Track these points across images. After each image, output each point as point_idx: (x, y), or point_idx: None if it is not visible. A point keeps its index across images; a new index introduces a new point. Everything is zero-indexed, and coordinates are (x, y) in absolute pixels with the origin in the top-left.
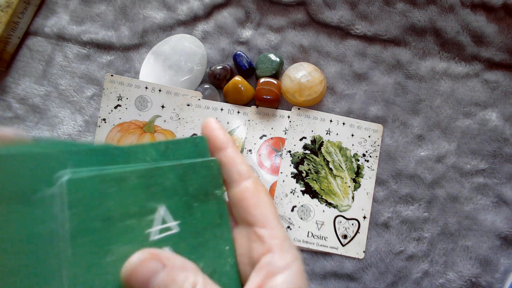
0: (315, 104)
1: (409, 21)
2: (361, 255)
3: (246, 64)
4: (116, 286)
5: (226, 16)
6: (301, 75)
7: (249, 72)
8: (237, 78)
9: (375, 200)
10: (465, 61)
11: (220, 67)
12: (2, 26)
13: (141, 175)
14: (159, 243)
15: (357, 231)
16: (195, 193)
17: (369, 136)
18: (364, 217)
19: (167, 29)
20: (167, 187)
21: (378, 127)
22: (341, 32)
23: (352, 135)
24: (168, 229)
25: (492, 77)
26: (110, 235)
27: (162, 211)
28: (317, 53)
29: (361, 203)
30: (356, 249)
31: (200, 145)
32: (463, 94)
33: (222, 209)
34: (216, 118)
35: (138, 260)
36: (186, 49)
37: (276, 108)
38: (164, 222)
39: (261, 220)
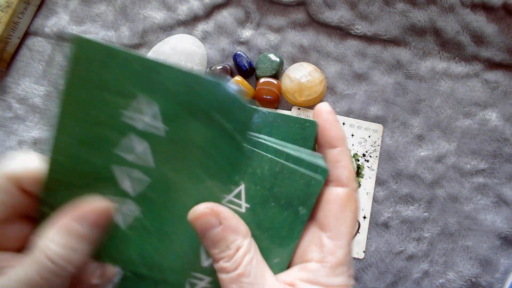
0: (315, 104)
1: (409, 21)
2: (361, 255)
3: (246, 64)
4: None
5: (226, 16)
6: (301, 75)
7: (249, 72)
8: (237, 78)
9: (375, 200)
10: (465, 61)
11: (220, 67)
12: (2, 26)
13: (237, 147)
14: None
15: (357, 231)
16: (278, 195)
17: (369, 136)
18: (364, 217)
19: (167, 29)
20: (256, 173)
21: (378, 127)
22: (341, 32)
23: (352, 135)
24: (237, 205)
25: (492, 77)
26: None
27: (240, 188)
28: (317, 53)
29: (361, 203)
30: (356, 249)
31: (307, 130)
32: (463, 94)
33: (294, 226)
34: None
35: (201, 211)
36: (186, 49)
37: (276, 108)
38: (238, 197)
39: (332, 232)
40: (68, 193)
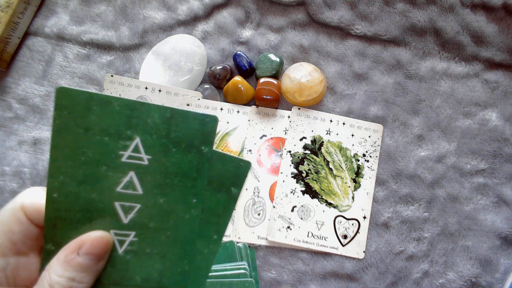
0: (315, 104)
1: (409, 21)
2: (361, 255)
3: (246, 64)
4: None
5: (226, 16)
6: (301, 75)
7: (249, 72)
8: (237, 78)
9: (375, 200)
10: (465, 61)
11: (220, 67)
12: (2, 26)
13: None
14: None
15: (357, 231)
16: (176, 140)
17: (369, 136)
18: (364, 217)
19: (167, 29)
20: (147, 123)
21: (378, 127)
22: (341, 32)
23: (352, 135)
24: (139, 158)
25: (492, 77)
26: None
27: (136, 141)
28: (317, 53)
29: (361, 203)
30: (356, 249)
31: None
32: (463, 94)
33: (202, 166)
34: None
35: None
36: (186, 49)
37: (276, 108)
38: (136, 150)
39: None
40: (69, 228)
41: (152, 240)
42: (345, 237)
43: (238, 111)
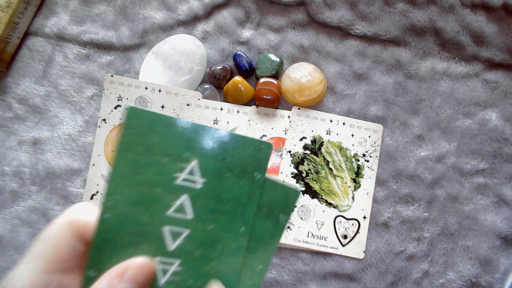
0: (315, 104)
1: (409, 21)
2: (361, 255)
3: (246, 64)
4: (136, 198)
5: (226, 16)
6: (301, 75)
7: (249, 72)
8: (237, 78)
9: (375, 200)
10: (465, 61)
11: (220, 67)
12: (2, 26)
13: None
14: None
15: (357, 231)
16: (231, 165)
17: (369, 136)
18: (364, 217)
19: (167, 29)
20: (205, 147)
21: (378, 127)
22: (341, 32)
23: (352, 135)
24: (192, 181)
25: (492, 77)
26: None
27: (193, 164)
28: (317, 53)
29: (361, 203)
30: (356, 249)
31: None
32: (463, 94)
33: (253, 193)
34: (216, 118)
35: None
36: (186, 49)
37: (276, 108)
38: (191, 173)
39: None
40: (114, 253)
41: (196, 271)
42: (345, 237)
43: (238, 111)
